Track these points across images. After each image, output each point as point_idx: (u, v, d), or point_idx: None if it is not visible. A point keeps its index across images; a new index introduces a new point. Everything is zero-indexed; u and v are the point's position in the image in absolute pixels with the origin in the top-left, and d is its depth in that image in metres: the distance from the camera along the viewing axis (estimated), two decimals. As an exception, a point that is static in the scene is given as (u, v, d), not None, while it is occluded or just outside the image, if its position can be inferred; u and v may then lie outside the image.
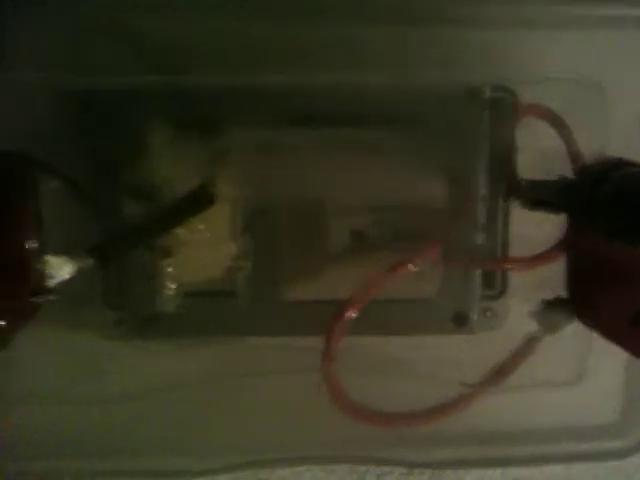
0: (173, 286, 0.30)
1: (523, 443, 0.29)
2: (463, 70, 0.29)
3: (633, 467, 0.32)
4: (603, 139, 0.28)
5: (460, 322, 0.31)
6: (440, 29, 0.29)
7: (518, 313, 0.31)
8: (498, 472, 0.33)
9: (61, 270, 0.26)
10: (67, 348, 0.31)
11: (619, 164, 0.24)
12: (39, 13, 0.27)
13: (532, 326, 0.28)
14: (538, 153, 0.29)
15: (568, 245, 0.25)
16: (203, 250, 0.30)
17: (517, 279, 0.31)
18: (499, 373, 0.25)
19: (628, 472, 0.33)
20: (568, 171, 0.29)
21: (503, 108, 0.29)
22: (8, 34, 0.27)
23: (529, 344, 0.26)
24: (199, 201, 0.28)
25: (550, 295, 0.28)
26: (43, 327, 0.27)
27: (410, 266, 0.26)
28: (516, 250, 0.31)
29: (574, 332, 0.27)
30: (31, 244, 0.23)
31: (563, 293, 0.27)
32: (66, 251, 0.26)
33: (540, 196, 0.27)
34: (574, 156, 0.28)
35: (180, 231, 0.29)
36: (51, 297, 0.25)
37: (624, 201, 0.22)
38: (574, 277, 0.25)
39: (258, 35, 0.28)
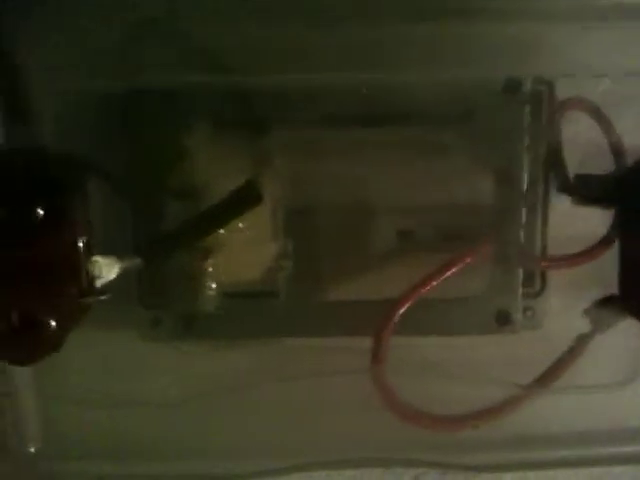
0: (213, 286, 0.30)
1: (572, 446, 0.28)
2: (501, 65, 0.29)
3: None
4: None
5: (503, 321, 0.31)
6: (476, 24, 0.29)
7: (558, 311, 0.30)
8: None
9: (109, 270, 0.25)
10: (104, 349, 0.31)
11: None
12: (85, 14, 0.27)
13: (572, 324, 0.28)
14: (582, 148, 0.29)
15: (621, 241, 0.25)
16: (243, 250, 0.29)
17: (555, 277, 0.31)
18: (549, 374, 0.25)
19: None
20: (612, 166, 0.29)
21: (543, 101, 0.29)
22: (50, 36, 0.27)
23: (579, 343, 0.26)
24: (246, 199, 0.27)
25: (589, 292, 0.28)
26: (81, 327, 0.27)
27: (460, 265, 0.26)
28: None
29: (625, 331, 0.27)
30: (82, 244, 0.23)
31: (601, 290, 0.27)
32: (114, 251, 0.26)
33: (591, 192, 0.26)
34: (616, 150, 0.27)
35: (221, 231, 0.29)
36: (101, 297, 0.25)
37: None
38: (626, 273, 0.25)
39: (304, 35, 0.28)
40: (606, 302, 0.26)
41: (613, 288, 0.27)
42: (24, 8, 0.26)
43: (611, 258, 0.28)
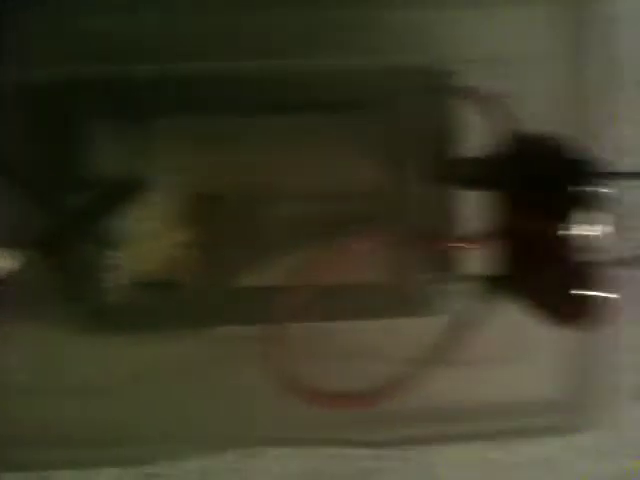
0: (120, 277, 0.30)
1: (473, 420, 0.29)
2: (402, 53, 0.29)
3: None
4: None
5: (407, 305, 0.32)
6: (379, 11, 0.29)
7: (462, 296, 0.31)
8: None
9: (3, 262, 0.25)
10: (29, 341, 0.31)
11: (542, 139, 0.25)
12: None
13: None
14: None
15: (504, 223, 0.25)
16: (149, 240, 0.30)
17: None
18: (441, 351, 0.25)
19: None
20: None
21: (439, 90, 0.30)
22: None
23: (469, 322, 0.27)
24: (126, 188, 0.28)
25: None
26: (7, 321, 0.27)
27: (354, 251, 0.26)
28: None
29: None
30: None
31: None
32: (8, 243, 0.26)
33: (472, 174, 0.26)
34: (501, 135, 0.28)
35: (125, 221, 0.29)
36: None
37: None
38: (511, 254, 0.26)
39: (199, 22, 0.28)
40: (493, 282, 0.26)
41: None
42: None
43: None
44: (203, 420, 0.29)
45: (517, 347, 0.28)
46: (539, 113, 0.27)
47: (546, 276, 0.24)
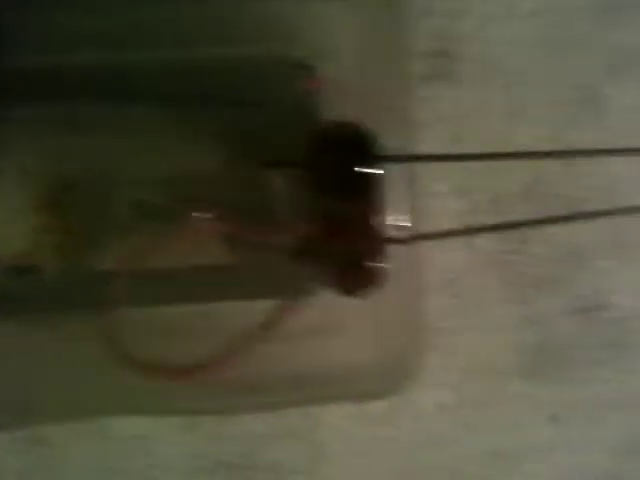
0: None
1: (295, 388, 0.29)
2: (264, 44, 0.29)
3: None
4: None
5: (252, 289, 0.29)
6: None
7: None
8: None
9: None
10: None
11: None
12: None
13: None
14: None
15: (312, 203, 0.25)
16: (7, 225, 0.29)
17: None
18: (264, 326, 0.25)
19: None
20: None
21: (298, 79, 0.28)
22: None
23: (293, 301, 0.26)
24: None
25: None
26: None
27: (194, 234, 0.25)
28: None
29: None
30: None
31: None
32: None
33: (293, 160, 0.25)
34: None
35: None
36: None
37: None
38: (314, 230, 0.26)
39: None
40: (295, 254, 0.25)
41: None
42: None
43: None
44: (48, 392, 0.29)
45: (333, 320, 0.29)
46: (354, 102, 0.27)
47: (334, 249, 0.25)
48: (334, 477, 0.34)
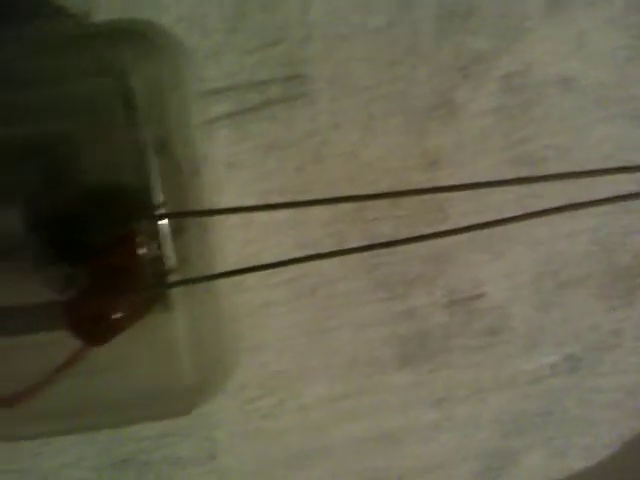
0: None
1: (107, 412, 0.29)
2: None
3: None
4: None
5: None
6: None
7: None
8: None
9: None
10: None
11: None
12: None
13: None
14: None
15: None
16: None
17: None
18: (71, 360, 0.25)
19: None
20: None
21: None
22: None
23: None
24: None
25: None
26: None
27: None
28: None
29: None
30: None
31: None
32: None
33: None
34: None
35: None
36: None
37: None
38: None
39: None
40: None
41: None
42: None
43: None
44: None
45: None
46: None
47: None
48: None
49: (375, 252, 0.37)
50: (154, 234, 0.25)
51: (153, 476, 0.38)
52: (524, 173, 0.36)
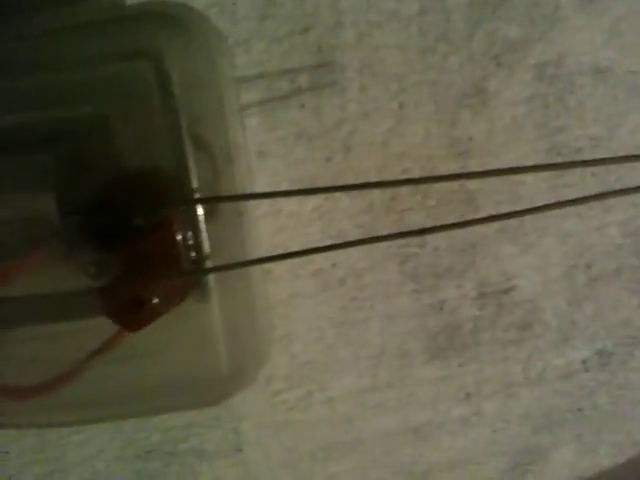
0: None
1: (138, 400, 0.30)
2: None
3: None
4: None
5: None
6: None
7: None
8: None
9: None
10: None
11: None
12: None
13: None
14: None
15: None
16: None
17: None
18: (106, 346, 0.26)
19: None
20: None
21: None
22: None
23: None
24: None
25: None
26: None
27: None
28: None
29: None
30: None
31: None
32: None
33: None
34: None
35: None
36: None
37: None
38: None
39: None
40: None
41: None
42: None
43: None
44: None
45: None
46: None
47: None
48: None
49: (404, 243, 0.36)
50: (189, 220, 0.25)
51: (178, 467, 0.38)
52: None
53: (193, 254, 0.25)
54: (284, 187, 0.35)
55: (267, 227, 0.35)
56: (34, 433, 0.36)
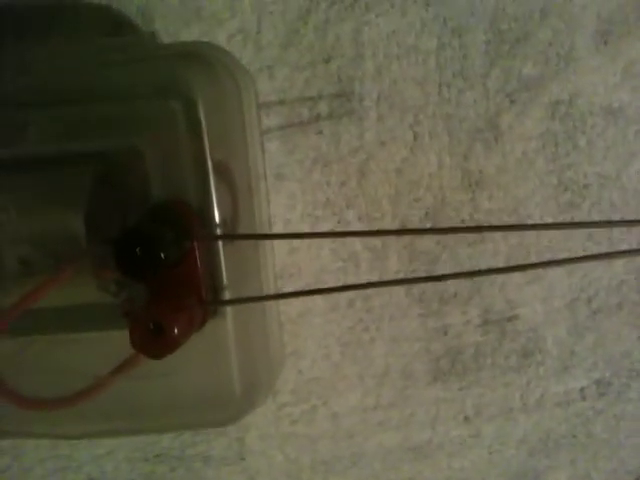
0: None
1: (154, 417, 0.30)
2: None
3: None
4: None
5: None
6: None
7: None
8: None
9: None
10: None
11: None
12: None
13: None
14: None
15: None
16: None
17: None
18: (126, 364, 0.27)
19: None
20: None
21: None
22: None
23: None
24: None
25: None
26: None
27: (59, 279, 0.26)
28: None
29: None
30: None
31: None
32: None
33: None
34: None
35: None
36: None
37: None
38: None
39: None
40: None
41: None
42: None
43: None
44: None
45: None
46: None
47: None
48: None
49: (412, 269, 0.38)
50: (210, 252, 0.26)
51: (184, 472, 0.39)
52: (565, 198, 0.37)
53: (214, 284, 0.26)
54: (299, 209, 0.36)
55: (281, 248, 0.36)
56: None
